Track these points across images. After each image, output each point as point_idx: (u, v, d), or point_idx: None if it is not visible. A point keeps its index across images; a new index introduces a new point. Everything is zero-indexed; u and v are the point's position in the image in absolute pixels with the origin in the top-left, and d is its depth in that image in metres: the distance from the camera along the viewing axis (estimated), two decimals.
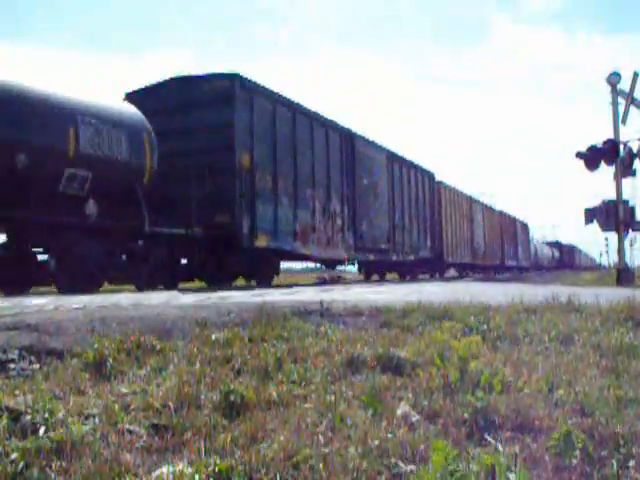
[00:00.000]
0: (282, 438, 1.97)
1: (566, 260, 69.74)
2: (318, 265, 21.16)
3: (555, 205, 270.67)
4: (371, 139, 19.47)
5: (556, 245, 69.00)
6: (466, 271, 32.27)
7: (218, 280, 12.44)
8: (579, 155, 14.82)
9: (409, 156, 22.81)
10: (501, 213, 38.65)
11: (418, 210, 23.10)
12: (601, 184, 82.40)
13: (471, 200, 31.35)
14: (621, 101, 15.09)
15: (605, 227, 15.55)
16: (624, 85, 15.14)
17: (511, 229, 41.34)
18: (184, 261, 12.60)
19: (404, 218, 21.59)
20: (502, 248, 37.66)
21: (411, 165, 22.90)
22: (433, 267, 26.59)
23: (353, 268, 22.21)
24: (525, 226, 47.45)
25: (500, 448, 1.90)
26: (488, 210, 35.26)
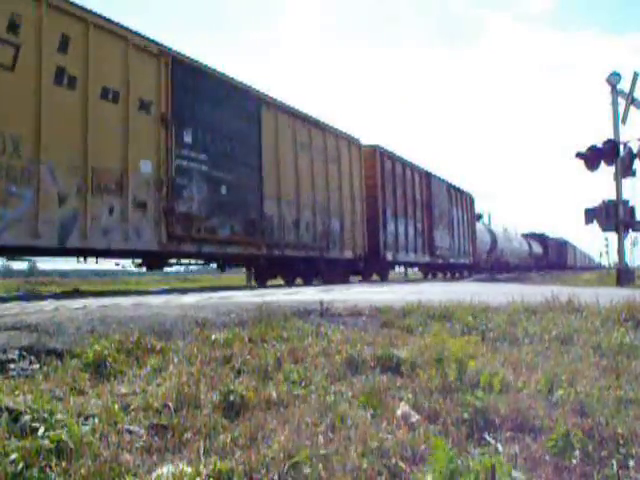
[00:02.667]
0: (282, 438, 1.96)
1: (553, 258, 52.49)
2: None
3: (555, 205, 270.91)
4: None
5: (538, 238, 50.09)
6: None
7: None
8: (579, 155, 14.82)
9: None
10: (386, 155, 19.00)
11: None
12: (602, 184, 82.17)
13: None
14: (621, 101, 15.09)
15: (605, 227, 15.55)
16: (624, 85, 15.16)
17: (421, 193, 21.79)
18: None
19: None
20: (376, 227, 18.23)
21: None
22: None
23: None
24: (467, 197, 27.99)
25: (500, 448, 1.90)
26: (315, 130, 15.04)
